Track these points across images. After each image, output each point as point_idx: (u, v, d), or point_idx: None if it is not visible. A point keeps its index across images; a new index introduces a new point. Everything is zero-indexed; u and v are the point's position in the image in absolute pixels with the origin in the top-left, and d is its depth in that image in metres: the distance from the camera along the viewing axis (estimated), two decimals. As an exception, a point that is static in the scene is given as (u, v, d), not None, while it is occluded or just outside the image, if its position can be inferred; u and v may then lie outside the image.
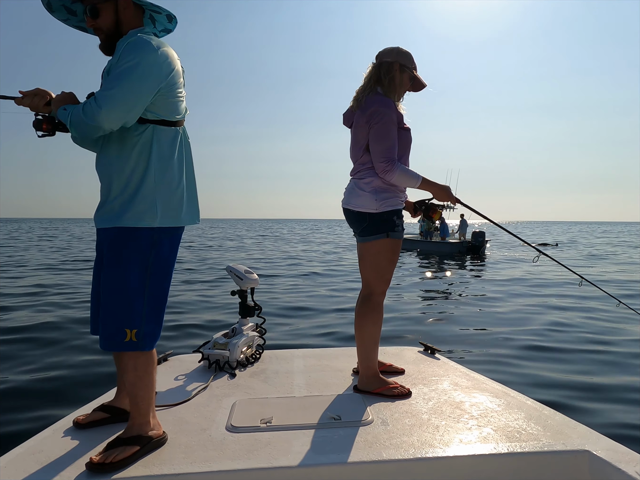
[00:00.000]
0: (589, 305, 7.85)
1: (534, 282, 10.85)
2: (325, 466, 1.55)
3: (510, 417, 1.90)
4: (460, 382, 2.35)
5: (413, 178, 2.17)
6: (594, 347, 5.21)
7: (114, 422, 1.89)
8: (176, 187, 1.67)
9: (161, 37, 1.80)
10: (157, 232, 1.64)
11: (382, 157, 2.13)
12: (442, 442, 1.70)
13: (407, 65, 2.27)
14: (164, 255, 1.66)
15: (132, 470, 1.52)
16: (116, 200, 1.63)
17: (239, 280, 2.82)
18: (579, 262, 16.20)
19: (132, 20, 1.67)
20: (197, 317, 6.76)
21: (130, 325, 1.60)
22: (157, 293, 1.66)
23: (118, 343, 1.61)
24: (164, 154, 1.64)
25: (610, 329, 6.10)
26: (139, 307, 1.61)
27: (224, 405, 2.08)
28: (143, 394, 1.68)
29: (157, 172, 1.62)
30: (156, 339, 1.68)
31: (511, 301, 8.31)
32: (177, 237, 1.72)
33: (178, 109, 1.68)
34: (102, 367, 4.32)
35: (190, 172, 1.75)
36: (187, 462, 1.56)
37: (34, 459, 1.60)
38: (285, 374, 2.52)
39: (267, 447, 1.67)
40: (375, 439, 1.73)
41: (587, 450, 1.61)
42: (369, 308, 2.25)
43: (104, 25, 1.64)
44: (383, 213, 2.19)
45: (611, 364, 4.60)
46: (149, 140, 1.62)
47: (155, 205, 1.62)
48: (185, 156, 1.73)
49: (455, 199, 2.28)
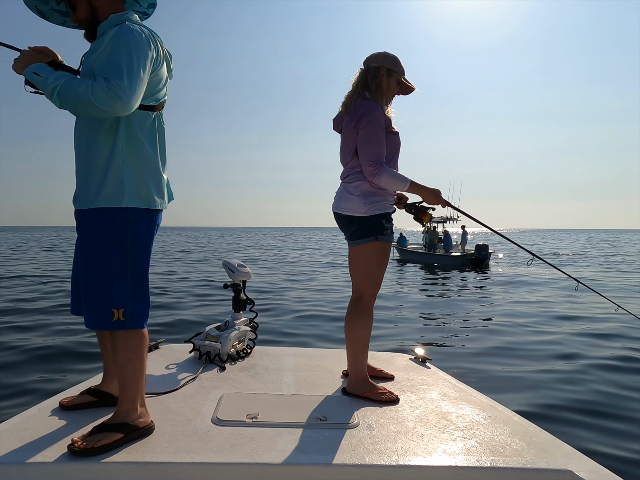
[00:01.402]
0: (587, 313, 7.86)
1: (534, 295, 10.85)
2: (308, 466, 1.55)
3: (495, 431, 1.90)
4: (448, 392, 2.35)
5: (401, 181, 2.17)
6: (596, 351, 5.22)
7: (100, 406, 1.89)
8: (146, 170, 1.66)
9: (150, 13, 1.83)
10: (133, 213, 1.63)
11: (369, 160, 2.14)
12: (425, 450, 1.70)
13: (393, 69, 2.27)
14: (141, 236, 1.66)
15: (114, 456, 1.52)
16: (87, 181, 1.63)
17: (231, 274, 2.82)
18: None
19: (108, 5, 1.67)
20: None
21: (117, 305, 1.61)
22: (139, 273, 1.66)
23: (107, 322, 1.62)
24: (133, 136, 1.63)
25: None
26: (123, 286, 1.62)
27: (212, 397, 2.08)
28: (132, 377, 1.67)
29: (124, 154, 1.62)
30: (144, 318, 1.69)
31: (509, 314, 8.30)
32: (153, 217, 1.71)
33: (154, 94, 1.67)
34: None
35: (163, 157, 1.75)
36: (170, 452, 1.56)
37: (17, 437, 1.60)
38: (275, 371, 2.52)
39: (250, 442, 1.67)
40: (360, 442, 1.73)
41: (569, 470, 1.61)
42: (359, 311, 2.26)
43: (82, 16, 1.67)
44: (372, 217, 2.19)
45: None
46: (116, 121, 1.61)
47: (124, 186, 1.61)
48: (159, 141, 1.73)
49: (445, 202, 2.28)
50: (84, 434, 1.59)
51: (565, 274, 2.80)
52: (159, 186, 1.71)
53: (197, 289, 10.97)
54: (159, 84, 1.69)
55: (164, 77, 1.72)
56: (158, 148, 1.72)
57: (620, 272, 16.97)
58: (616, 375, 4.76)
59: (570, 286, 12.43)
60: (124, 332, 1.65)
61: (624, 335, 6.53)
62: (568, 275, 2.82)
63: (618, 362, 5.23)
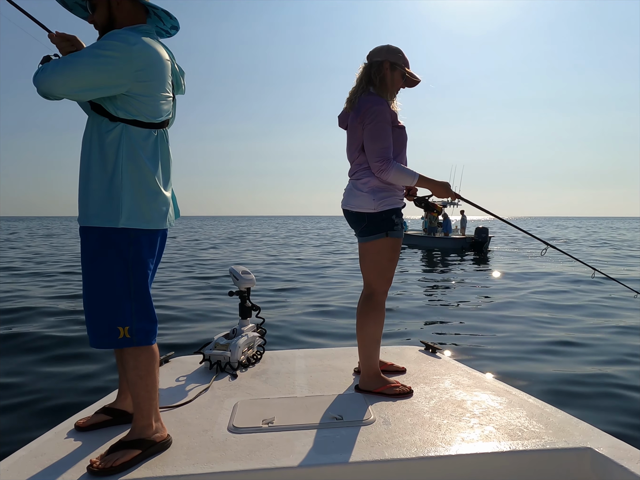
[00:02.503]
0: (591, 299, 7.86)
1: (537, 279, 10.84)
2: (328, 466, 1.55)
3: (512, 415, 1.90)
4: (461, 380, 2.34)
5: (409, 176, 2.17)
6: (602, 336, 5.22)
7: (116, 424, 1.89)
8: (146, 189, 1.63)
9: (173, 34, 1.83)
10: (134, 231, 1.62)
11: (377, 156, 2.13)
12: (444, 441, 1.70)
13: (397, 62, 2.25)
14: (143, 253, 1.64)
15: (134, 472, 1.52)
16: (86, 199, 1.61)
17: (236, 281, 2.82)
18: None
19: (126, 17, 1.66)
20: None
21: (122, 322, 1.60)
22: (142, 290, 1.65)
23: (113, 341, 1.61)
24: (134, 155, 1.59)
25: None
26: (127, 304, 1.61)
27: (226, 406, 2.07)
28: (145, 394, 1.67)
29: (125, 173, 1.59)
30: (152, 334, 1.68)
31: (513, 298, 8.30)
32: (155, 236, 1.70)
33: (154, 111, 1.63)
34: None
35: (166, 176, 1.71)
36: (189, 464, 1.56)
37: (35, 462, 1.60)
38: (287, 374, 2.52)
39: (269, 447, 1.67)
40: (377, 438, 1.73)
41: (589, 447, 1.61)
42: (371, 307, 2.25)
43: (99, 20, 1.65)
44: (381, 212, 2.19)
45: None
46: (117, 139, 1.58)
47: (121, 206, 1.58)
48: (162, 159, 1.69)
49: (454, 195, 2.27)
50: (102, 454, 1.59)
51: (581, 262, 2.77)
52: (160, 205, 1.68)
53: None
54: (157, 100, 1.63)
55: (165, 94, 1.66)
56: (160, 166, 1.68)
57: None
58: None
59: (582, 274, 12.49)
60: (133, 350, 1.65)
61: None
62: (584, 263, 2.78)
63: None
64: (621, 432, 2.98)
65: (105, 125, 1.58)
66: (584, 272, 11.27)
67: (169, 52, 1.73)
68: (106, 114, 1.58)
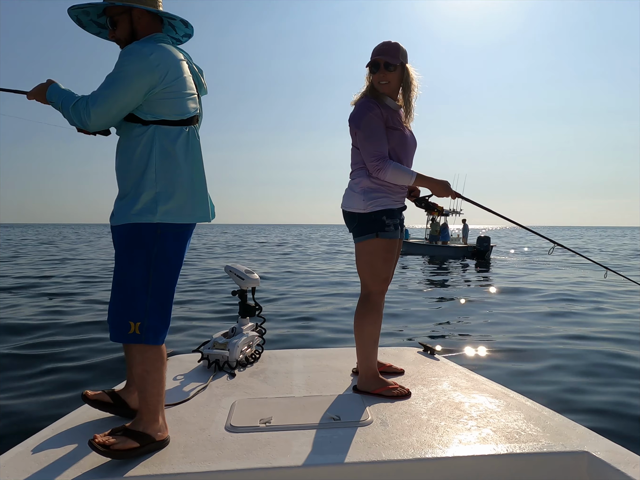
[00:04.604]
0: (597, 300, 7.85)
1: (538, 287, 10.84)
2: (325, 466, 1.55)
3: (509, 417, 1.90)
4: (459, 382, 2.34)
5: (407, 174, 2.16)
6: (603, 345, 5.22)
7: (114, 412, 1.92)
8: (180, 185, 1.69)
9: (184, 42, 1.91)
10: (161, 227, 1.66)
11: (372, 156, 2.14)
12: (441, 442, 1.70)
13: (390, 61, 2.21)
14: (168, 250, 1.68)
15: (131, 471, 1.52)
16: (123, 199, 1.69)
17: (239, 280, 2.81)
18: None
19: (147, 29, 1.74)
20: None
21: (134, 318, 1.63)
22: (162, 288, 1.68)
23: (123, 335, 1.65)
24: (166, 153, 1.67)
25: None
26: (142, 300, 1.64)
27: (223, 405, 2.08)
28: (151, 389, 1.69)
29: (158, 170, 1.66)
30: (161, 334, 1.69)
31: (512, 302, 8.30)
32: (183, 233, 1.73)
33: (180, 109, 1.70)
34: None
35: (198, 171, 1.76)
36: (186, 462, 1.56)
37: (33, 458, 1.60)
38: (285, 373, 2.52)
39: (266, 447, 1.67)
40: (375, 439, 1.73)
41: (586, 451, 1.61)
42: (367, 308, 2.25)
43: (121, 36, 1.73)
44: (371, 213, 2.19)
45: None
46: (150, 140, 1.66)
47: (156, 202, 1.65)
48: (193, 155, 1.75)
49: (455, 194, 2.26)
50: (105, 432, 1.61)
51: (593, 261, 2.77)
52: (192, 200, 1.73)
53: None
54: (182, 98, 1.70)
55: (188, 92, 1.73)
56: (192, 162, 1.74)
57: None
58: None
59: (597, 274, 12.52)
60: (141, 346, 1.66)
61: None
62: (596, 262, 2.77)
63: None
64: (619, 437, 2.98)
65: (138, 129, 1.67)
66: (587, 277, 11.27)
67: (184, 53, 1.80)
68: (138, 120, 1.67)
